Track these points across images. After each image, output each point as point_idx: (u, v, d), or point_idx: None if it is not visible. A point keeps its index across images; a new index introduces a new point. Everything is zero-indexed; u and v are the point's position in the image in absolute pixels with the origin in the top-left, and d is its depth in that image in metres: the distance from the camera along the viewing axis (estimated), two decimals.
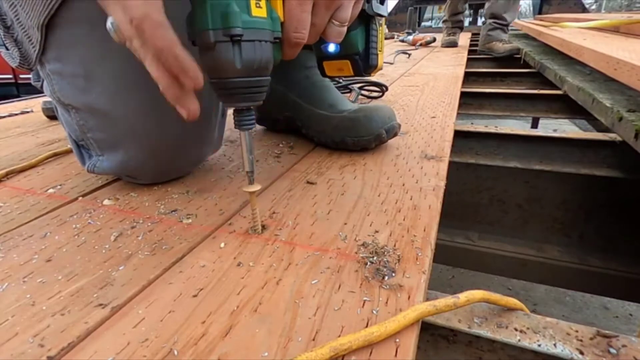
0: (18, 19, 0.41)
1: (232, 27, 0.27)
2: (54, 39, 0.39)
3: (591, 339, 0.27)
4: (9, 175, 0.53)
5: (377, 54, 0.44)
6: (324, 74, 0.48)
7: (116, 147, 0.43)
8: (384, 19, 0.43)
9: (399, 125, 0.57)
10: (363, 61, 0.44)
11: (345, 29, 0.35)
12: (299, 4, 0.30)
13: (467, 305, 0.30)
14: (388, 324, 0.24)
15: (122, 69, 0.39)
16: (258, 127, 0.71)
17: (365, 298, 0.27)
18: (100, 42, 0.38)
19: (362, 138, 0.54)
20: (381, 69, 0.46)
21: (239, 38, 0.28)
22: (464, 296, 0.27)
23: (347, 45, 0.42)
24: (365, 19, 0.42)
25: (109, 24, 0.27)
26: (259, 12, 0.28)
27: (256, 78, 0.30)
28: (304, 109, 0.60)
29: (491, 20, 1.86)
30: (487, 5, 1.90)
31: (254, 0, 0.28)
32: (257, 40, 0.28)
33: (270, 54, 0.30)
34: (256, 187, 0.34)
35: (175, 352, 0.23)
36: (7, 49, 0.43)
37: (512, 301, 0.30)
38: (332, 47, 0.42)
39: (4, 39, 0.43)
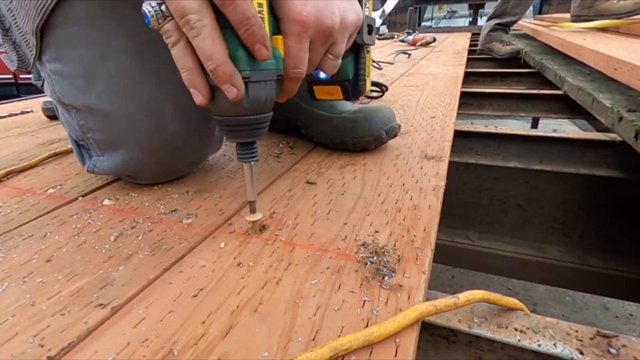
0: (16, 22, 0.41)
1: (241, 70, 0.28)
2: (54, 39, 0.39)
3: (591, 339, 0.27)
4: (9, 175, 0.53)
5: (365, 80, 0.45)
6: (313, 97, 0.49)
7: (116, 148, 0.43)
8: (371, 47, 0.44)
9: (399, 126, 0.57)
10: (352, 87, 0.45)
11: (339, 61, 0.36)
12: (297, 43, 0.31)
13: (467, 305, 0.30)
14: (388, 324, 0.24)
15: (122, 69, 0.39)
16: None
17: (365, 298, 0.27)
18: (99, 42, 0.38)
19: (362, 139, 0.54)
20: (368, 92, 0.48)
21: (246, 80, 0.29)
22: (464, 296, 0.27)
23: (338, 73, 0.42)
24: (355, 48, 0.43)
25: (147, 7, 0.27)
26: None
27: (260, 115, 0.32)
28: (304, 110, 0.60)
29: (495, 21, 1.83)
30: (499, 4, 1.80)
31: None
32: (262, 80, 0.30)
33: (274, 91, 0.31)
34: (258, 216, 0.36)
35: (175, 352, 0.23)
36: (5, 51, 0.43)
37: (512, 301, 0.30)
38: (323, 74, 0.43)
39: (2, 42, 0.43)
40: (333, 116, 0.57)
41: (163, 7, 0.27)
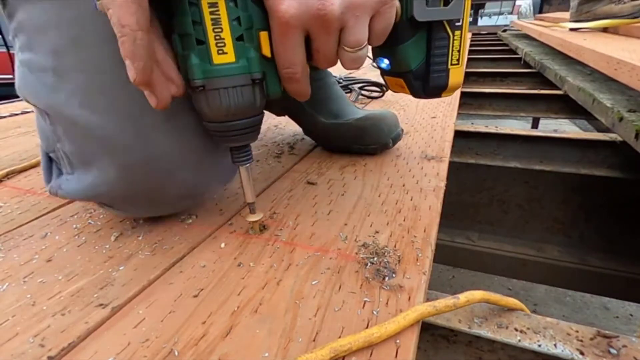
0: None
1: (192, 79, 0.27)
2: (24, 16, 0.32)
3: (591, 339, 0.27)
4: (9, 175, 0.53)
5: (446, 71, 0.32)
6: (388, 88, 0.40)
7: (88, 165, 0.33)
8: (463, 22, 0.30)
9: (402, 131, 0.57)
10: (420, 81, 0.33)
11: (363, 52, 0.28)
12: (281, 40, 0.27)
13: (467, 306, 0.30)
14: (388, 325, 0.24)
15: (98, 61, 0.30)
16: None
17: (365, 299, 0.27)
18: (73, 23, 0.29)
19: (369, 146, 0.54)
20: (458, 87, 0.34)
21: (201, 89, 0.28)
22: (463, 296, 0.28)
23: (397, 62, 0.33)
24: (427, 27, 0.31)
25: None
26: (224, 58, 0.27)
27: (232, 122, 0.30)
28: (308, 115, 0.57)
29: None
30: None
31: (215, 48, 0.26)
32: (221, 88, 0.28)
33: (246, 97, 0.29)
34: (259, 216, 0.35)
35: (176, 353, 0.23)
36: None
37: (512, 301, 0.30)
38: (383, 63, 0.35)
39: None
40: (339, 123, 0.55)
41: None
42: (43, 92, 0.32)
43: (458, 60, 0.32)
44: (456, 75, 0.33)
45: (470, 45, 2.16)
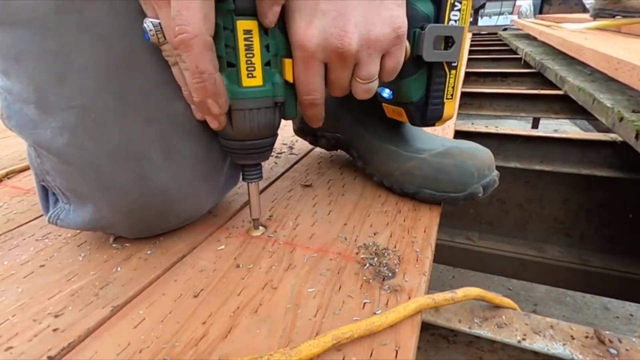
0: None
1: None
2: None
3: (591, 339, 0.27)
4: (9, 175, 0.53)
5: (442, 104, 0.36)
6: (385, 115, 0.42)
7: (83, 201, 0.32)
8: (458, 63, 0.35)
9: (498, 175, 0.41)
10: (419, 112, 0.37)
11: (372, 85, 0.31)
12: (303, 69, 0.29)
13: (468, 306, 0.30)
14: (389, 314, 0.25)
15: (87, 97, 0.27)
16: None
17: (365, 300, 0.27)
18: (56, 54, 0.26)
19: (448, 194, 0.39)
20: (450, 118, 0.38)
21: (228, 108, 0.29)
22: (461, 292, 0.28)
23: (399, 93, 0.37)
24: (428, 65, 0.35)
25: (148, 23, 0.25)
26: (252, 81, 0.28)
27: (252, 141, 0.31)
28: (365, 139, 0.46)
29: None
30: None
31: (245, 72, 0.28)
32: (247, 109, 0.29)
33: (268, 118, 0.31)
34: (262, 231, 0.36)
35: (176, 353, 0.23)
36: None
37: (506, 301, 0.30)
38: (385, 93, 0.38)
39: None
40: (407, 155, 0.42)
41: None
42: (26, 125, 0.29)
43: (452, 95, 0.37)
44: (449, 108, 0.38)
45: (470, 45, 2.16)
